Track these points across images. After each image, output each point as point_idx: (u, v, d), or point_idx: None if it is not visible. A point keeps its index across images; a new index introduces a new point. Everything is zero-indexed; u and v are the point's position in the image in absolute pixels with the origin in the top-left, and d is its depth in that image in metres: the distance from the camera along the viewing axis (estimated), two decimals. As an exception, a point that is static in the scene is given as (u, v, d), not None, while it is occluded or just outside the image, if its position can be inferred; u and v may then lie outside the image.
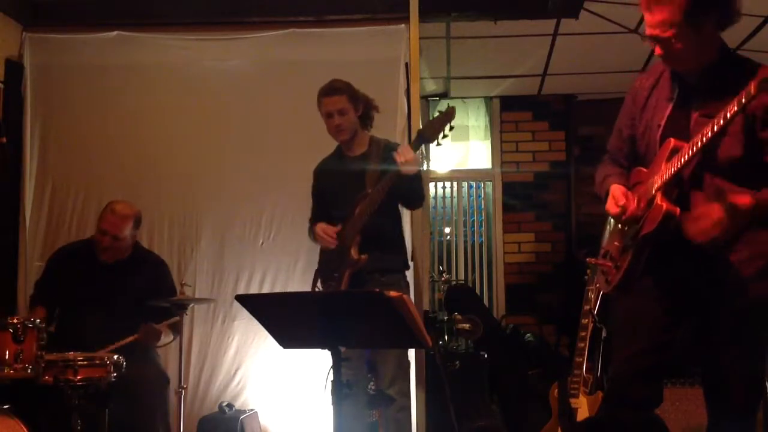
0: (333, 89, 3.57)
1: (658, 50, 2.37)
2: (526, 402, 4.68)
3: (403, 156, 3.28)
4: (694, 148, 2.25)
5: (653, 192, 2.36)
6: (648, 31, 2.35)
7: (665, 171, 2.34)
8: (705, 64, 2.37)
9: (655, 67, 2.57)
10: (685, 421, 3.91)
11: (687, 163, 2.29)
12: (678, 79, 2.45)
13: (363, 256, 3.41)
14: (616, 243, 2.53)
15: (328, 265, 3.59)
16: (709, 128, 2.21)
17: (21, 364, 2.92)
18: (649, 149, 2.49)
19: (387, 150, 3.50)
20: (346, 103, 3.55)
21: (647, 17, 2.33)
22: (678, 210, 2.31)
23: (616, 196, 2.48)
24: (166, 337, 3.85)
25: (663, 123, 2.43)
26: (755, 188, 2.26)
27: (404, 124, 4.50)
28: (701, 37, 2.30)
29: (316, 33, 4.74)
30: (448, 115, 3.29)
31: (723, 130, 2.20)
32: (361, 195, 3.44)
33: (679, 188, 2.35)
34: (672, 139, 2.35)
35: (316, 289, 3.63)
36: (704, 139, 2.23)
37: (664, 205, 2.31)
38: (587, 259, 2.97)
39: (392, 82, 4.57)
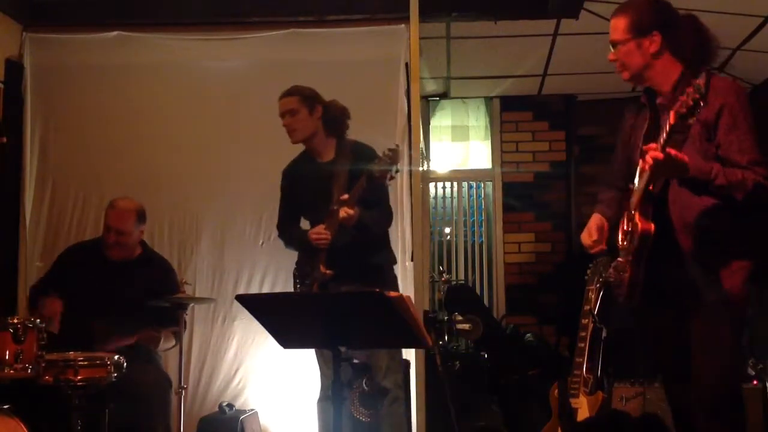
0: (286, 92, 3.60)
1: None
2: (526, 402, 4.68)
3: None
4: (646, 166, 2.37)
5: (632, 211, 2.50)
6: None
7: (636, 190, 2.49)
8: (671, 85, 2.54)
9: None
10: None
11: (648, 180, 2.42)
12: (654, 100, 2.61)
13: (329, 272, 3.41)
14: (620, 258, 2.64)
15: (302, 270, 3.60)
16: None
17: (21, 364, 2.91)
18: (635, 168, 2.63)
19: (355, 155, 3.49)
20: (296, 103, 3.55)
21: None
22: (652, 227, 2.43)
23: (591, 229, 2.71)
24: (167, 342, 3.84)
25: (640, 142, 2.56)
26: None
27: (404, 123, 4.50)
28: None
29: (316, 33, 4.74)
30: (394, 158, 3.19)
31: (683, 139, 2.39)
32: (329, 211, 3.41)
33: (652, 202, 2.47)
34: (641, 159, 2.47)
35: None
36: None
37: (640, 225, 2.44)
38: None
39: (392, 82, 4.58)
